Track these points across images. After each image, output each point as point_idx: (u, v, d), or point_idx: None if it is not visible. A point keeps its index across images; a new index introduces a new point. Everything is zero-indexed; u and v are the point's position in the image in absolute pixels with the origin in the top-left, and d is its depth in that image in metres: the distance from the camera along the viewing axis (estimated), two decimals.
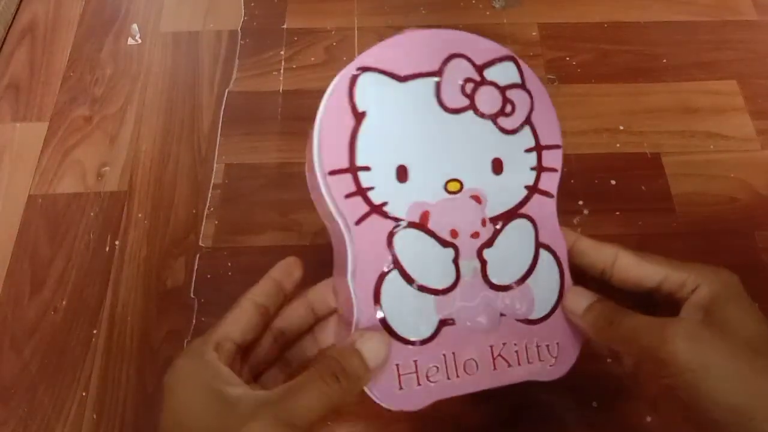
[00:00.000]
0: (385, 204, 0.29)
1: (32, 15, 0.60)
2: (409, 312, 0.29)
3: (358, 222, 0.29)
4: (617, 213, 0.48)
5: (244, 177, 0.50)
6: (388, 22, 0.58)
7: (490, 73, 0.31)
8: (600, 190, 0.49)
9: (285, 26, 0.58)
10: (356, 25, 0.58)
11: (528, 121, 0.31)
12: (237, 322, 0.30)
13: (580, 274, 0.33)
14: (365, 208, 0.29)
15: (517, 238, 0.31)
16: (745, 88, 0.54)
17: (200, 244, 0.47)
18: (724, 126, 0.52)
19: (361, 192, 0.28)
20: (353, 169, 0.28)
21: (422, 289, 0.29)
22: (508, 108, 0.31)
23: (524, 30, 0.58)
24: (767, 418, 0.25)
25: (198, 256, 0.46)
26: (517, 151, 0.31)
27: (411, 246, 0.29)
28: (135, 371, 0.42)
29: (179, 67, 0.56)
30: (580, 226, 0.47)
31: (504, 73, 0.31)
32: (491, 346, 0.30)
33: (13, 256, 0.46)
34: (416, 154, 0.30)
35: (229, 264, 0.46)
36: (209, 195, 0.49)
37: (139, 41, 0.58)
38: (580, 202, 0.48)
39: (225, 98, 0.54)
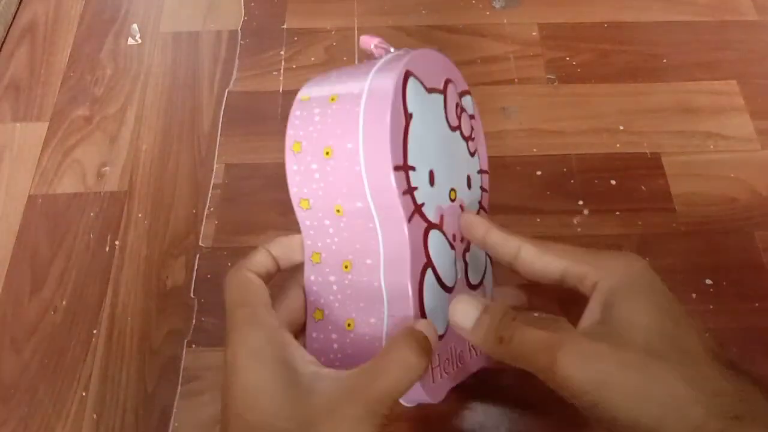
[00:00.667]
0: (423, 205, 0.30)
1: (32, 15, 0.60)
2: (438, 307, 0.30)
3: (409, 220, 0.29)
4: (617, 213, 0.48)
5: (244, 177, 0.50)
6: (388, 22, 0.58)
7: (462, 102, 0.35)
8: (600, 190, 0.49)
9: (285, 26, 0.58)
10: (356, 25, 0.58)
11: (476, 148, 0.36)
12: (288, 308, 0.31)
13: None
14: (412, 207, 0.29)
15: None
16: (745, 88, 0.54)
17: (200, 244, 0.47)
18: (724, 126, 0.52)
19: (411, 191, 0.29)
20: (406, 168, 0.29)
21: (443, 286, 0.31)
22: (473, 134, 0.35)
23: (524, 30, 0.58)
24: (668, 426, 0.23)
25: (198, 256, 0.46)
26: (474, 172, 0.35)
27: (437, 246, 0.30)
28: (135, 371, 0.42)
29: (179, 67, 0.56)
30: (580, 227, 0.47)
31: (467, 104, 0.36)
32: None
33: (13, 256, 0.46)
34: (438, 160, 0.31)
35: (229, 264, 0.46)
36: (209, 195, 0.49)
37: (139, 41, 0.58)
38: (580, 202, 0.48)
39: (225, 98, 0.54)
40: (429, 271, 0.30)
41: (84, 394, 0.41)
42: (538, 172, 0.50)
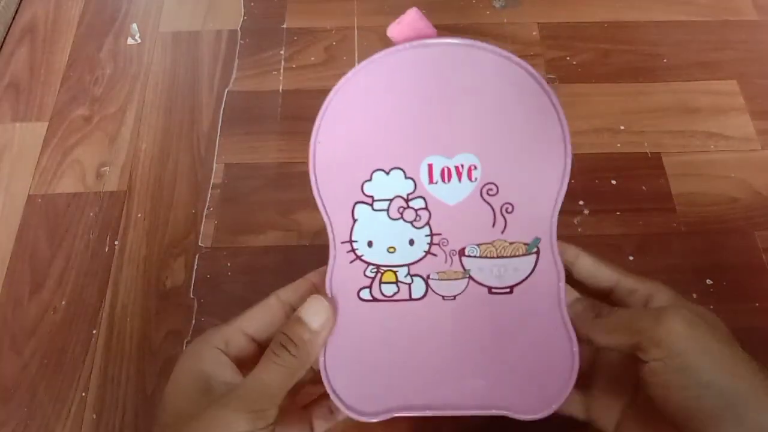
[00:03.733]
0: None
1: (32, 15, 0.60)
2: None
3: None
4: (618, 213, 0.48)
5: (243, 177, 0.50)
6: (388, 21, 0.58)
7: None
8: (600, 190, 0.49)
9: (285, 26, 0.58)
10: (356, 25, 0.58)
11: None
12: (255, 317, 0.31)
13: None
14: None
15: None
16: (745, 88, 0.54)
17: (200, 244, 0.47)
18: (725, 126, 0.52)
19: None
20: None
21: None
22: None
23: (524, 30, 0.58)
24: (754, 406, 0.25)
25: (197, 256, 0.46)
26: None
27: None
28: (135, 371, 0.42)
29: (179, 67, 0.56)
30: (581, 226, 0.47)
31: None
32: None
33: (13, 256, 0.46)
34: None
35: (229, 264, 0.46)
36: (209, 195, 0.49)
37: (139, 41, 0.58)
38: (581, 202, 0.48)
39: (225, 98, 0.54)
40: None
41: (84, 394, 0.41)
42: None
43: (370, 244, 0.31)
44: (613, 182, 0.49)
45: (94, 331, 0.43)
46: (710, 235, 0.47)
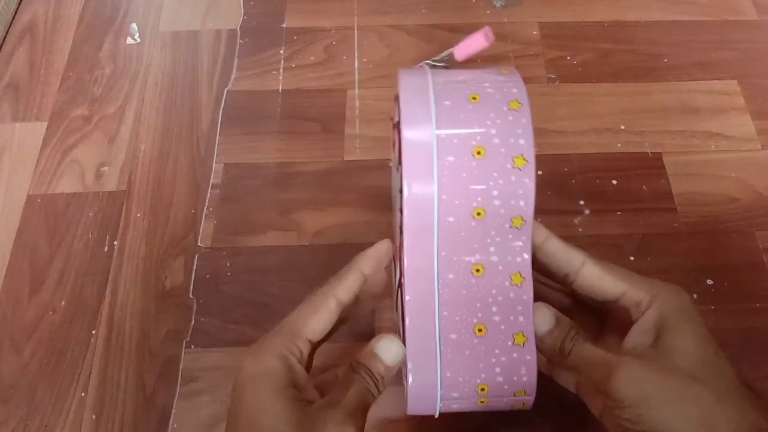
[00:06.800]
0: None
1: (32, 15, 0.59)
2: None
3: None
4: (618, 213, 0.48)
5: (243, 177, 0.50)
6: (388, 21, 0.58)
7: None
8: (601, 190, 0.49)
9: (284, 25, 0.58)
10: (356, 25, 0.58)
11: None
12: (320, 323, 0.31)
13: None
14: None
15: None
16: (746, 88, 0.54)
17: (199, 244, 0.47)
18: (725, 126, 0.52)
19: None
20: None
21: None
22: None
23: (525, 29, 0.58)
24: None
25: (197, 256, 0.46)
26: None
27: None
28: (134, 371, 0.42)
29: (178, 67, 0.56)
30: (581, 226, 0.47)
31: None
32: None
33: (13, 256, 0.46)
34: None
35: (228, 264, 0.46)
36: (208, 195, 0.49)
37: (139, 41, 0.58)
38: (581, 202, 0.48)
39: (224, 98, 0.54)
40: None
41: (83, 394, 0.41)
42: (539, 172, 0.49)
43: None
44: (614, 182, 0.49)
45: (94, 331, 0.43)
46: (711, 235, 0.47)
